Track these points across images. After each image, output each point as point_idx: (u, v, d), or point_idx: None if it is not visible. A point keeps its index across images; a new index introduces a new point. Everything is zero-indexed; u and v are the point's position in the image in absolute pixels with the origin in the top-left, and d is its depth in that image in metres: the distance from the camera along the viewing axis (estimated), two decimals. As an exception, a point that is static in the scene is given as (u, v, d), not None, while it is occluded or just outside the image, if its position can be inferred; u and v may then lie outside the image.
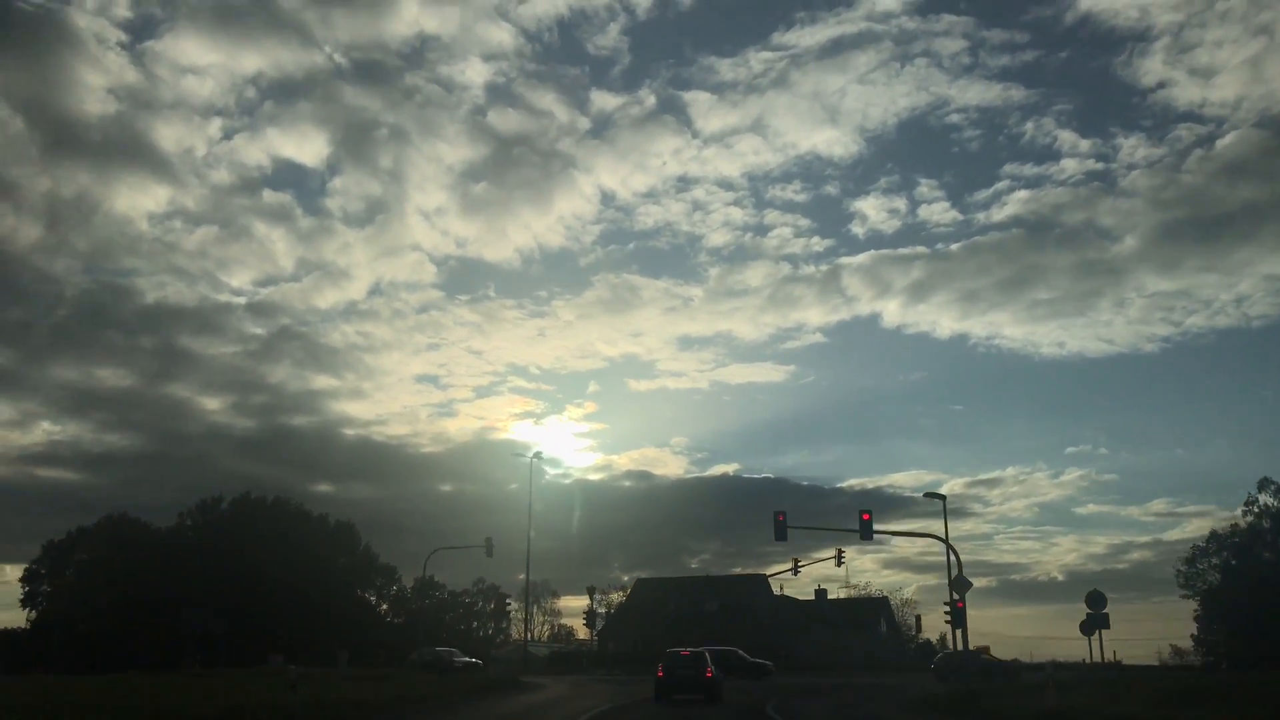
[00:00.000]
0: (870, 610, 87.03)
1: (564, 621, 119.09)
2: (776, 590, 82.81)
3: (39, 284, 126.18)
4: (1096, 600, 30.39)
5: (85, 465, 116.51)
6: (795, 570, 56.97)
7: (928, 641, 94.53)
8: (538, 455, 55.81)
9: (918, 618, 74.82)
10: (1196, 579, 72.95)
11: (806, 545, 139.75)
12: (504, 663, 65.98)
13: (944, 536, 33.19)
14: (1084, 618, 31.19)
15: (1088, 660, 60.58)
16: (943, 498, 33.41)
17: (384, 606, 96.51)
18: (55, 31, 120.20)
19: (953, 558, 31.91)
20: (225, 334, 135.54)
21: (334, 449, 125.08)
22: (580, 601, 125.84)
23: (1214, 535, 73.11)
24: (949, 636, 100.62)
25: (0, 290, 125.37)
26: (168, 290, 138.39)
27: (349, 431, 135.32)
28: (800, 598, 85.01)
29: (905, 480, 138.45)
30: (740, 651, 48.68)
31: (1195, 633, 74.94)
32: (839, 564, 49.65)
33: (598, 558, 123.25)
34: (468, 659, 51.03)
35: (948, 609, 32.10)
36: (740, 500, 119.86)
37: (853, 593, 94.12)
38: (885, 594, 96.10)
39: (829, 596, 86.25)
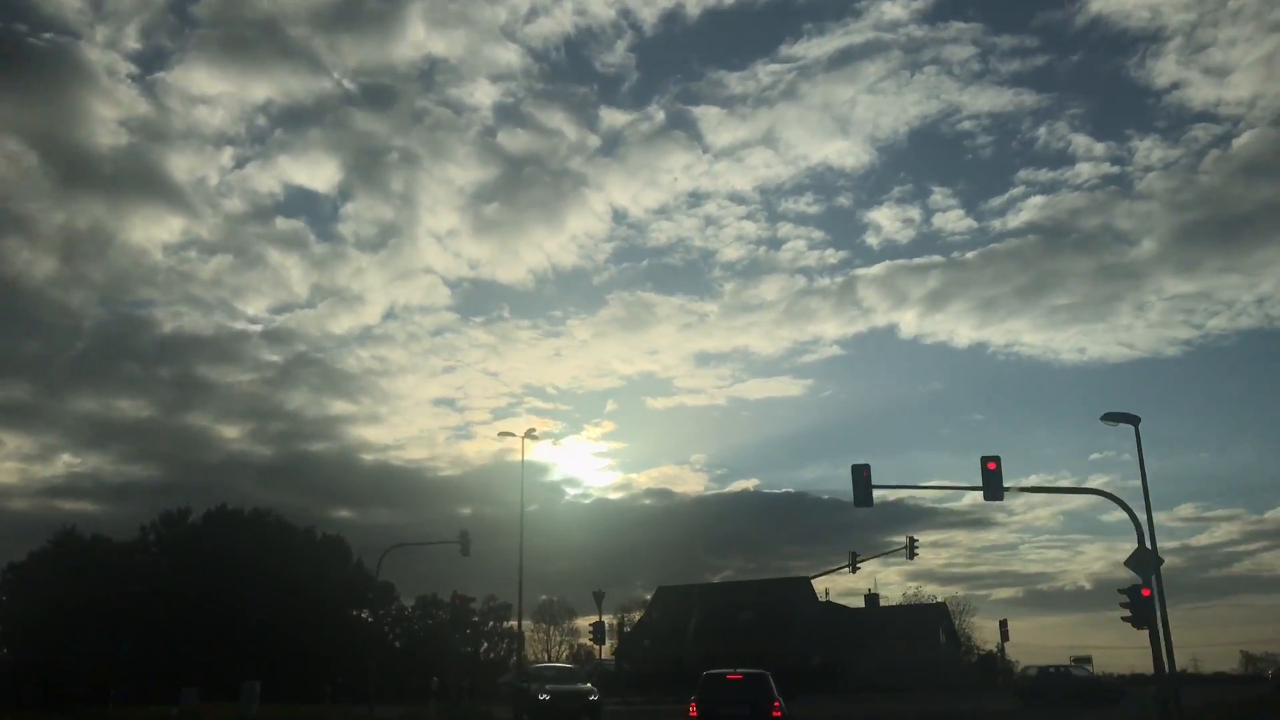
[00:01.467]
0: (928, 619, 76.42)
1: (583, 641, 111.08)
2: (821, 596, 72.79)
3: (56, 317, 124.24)
4: None
5: (106, 497, 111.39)
6: (854, 567, 46.87)
7: (990, 654, 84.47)
8: (530, 433, 46.61)
9: (1003, 623, 64.06)
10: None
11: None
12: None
13: (1119, 499, 22.73)
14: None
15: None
16: (1136, 419, 22.49)
17: (384, 628, 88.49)
18: (66, 66, 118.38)
19: (1124, 520, 22.03)
20: (242, 362, 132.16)
21: (353, 474, 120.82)
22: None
23: None
24: (1002, 650, 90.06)
25: (18, 324, 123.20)
26: (184, 320, 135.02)
27: (367, 456, 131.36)
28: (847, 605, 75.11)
29: (927, 492, 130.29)
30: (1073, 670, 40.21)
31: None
32: (911, 556, 39.72)
33: (619, 577, 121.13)
34: (572, 685, 29.80)
35: (1126, 600, 21.25)
36: (761, 516, 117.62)
37: (901, 600, 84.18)
38: (943, 600, 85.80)
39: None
